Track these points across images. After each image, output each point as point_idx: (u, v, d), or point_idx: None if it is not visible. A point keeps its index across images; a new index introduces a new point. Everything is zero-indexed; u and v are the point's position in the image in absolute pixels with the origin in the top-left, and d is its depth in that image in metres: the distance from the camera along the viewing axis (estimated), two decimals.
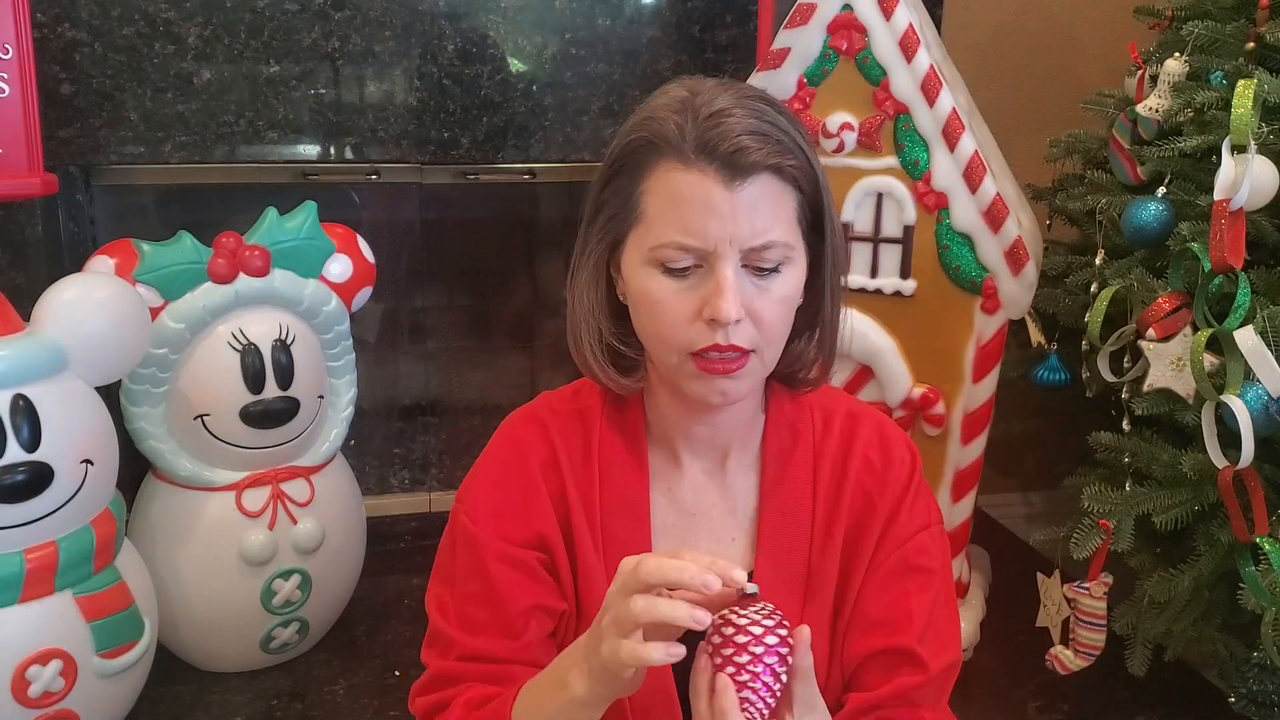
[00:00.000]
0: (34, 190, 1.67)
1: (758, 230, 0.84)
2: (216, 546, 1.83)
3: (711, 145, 0.83)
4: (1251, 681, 1.65)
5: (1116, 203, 1.79)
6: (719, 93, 0.86)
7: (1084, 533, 1.67)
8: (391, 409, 2.53)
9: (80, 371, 1.55)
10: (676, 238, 0.84)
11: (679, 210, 0.84)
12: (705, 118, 0.84)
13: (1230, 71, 1.64)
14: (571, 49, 2.24)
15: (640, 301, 0.88)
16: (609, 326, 0.93)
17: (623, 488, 0.97)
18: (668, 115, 0.85)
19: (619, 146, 0.89)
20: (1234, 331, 1.49)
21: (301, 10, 2.09)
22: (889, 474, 0.99)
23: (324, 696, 1.90)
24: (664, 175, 0.85)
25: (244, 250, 1.79)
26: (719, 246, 0.83)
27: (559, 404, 1.01)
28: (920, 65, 1.69)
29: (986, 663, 2.00)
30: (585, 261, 0.93)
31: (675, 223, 0.84)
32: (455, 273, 2.51)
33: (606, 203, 0.90)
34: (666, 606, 0.74)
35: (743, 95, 0.86)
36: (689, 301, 0.85)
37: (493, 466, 0.99)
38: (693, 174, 0.83)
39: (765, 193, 0.84)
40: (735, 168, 0.83)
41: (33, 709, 1.50)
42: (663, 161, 0.85)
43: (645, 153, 0.86)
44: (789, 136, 0.86)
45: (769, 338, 0.88)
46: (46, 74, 1.96)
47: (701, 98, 0.86)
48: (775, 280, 0.86)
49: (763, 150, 0.83)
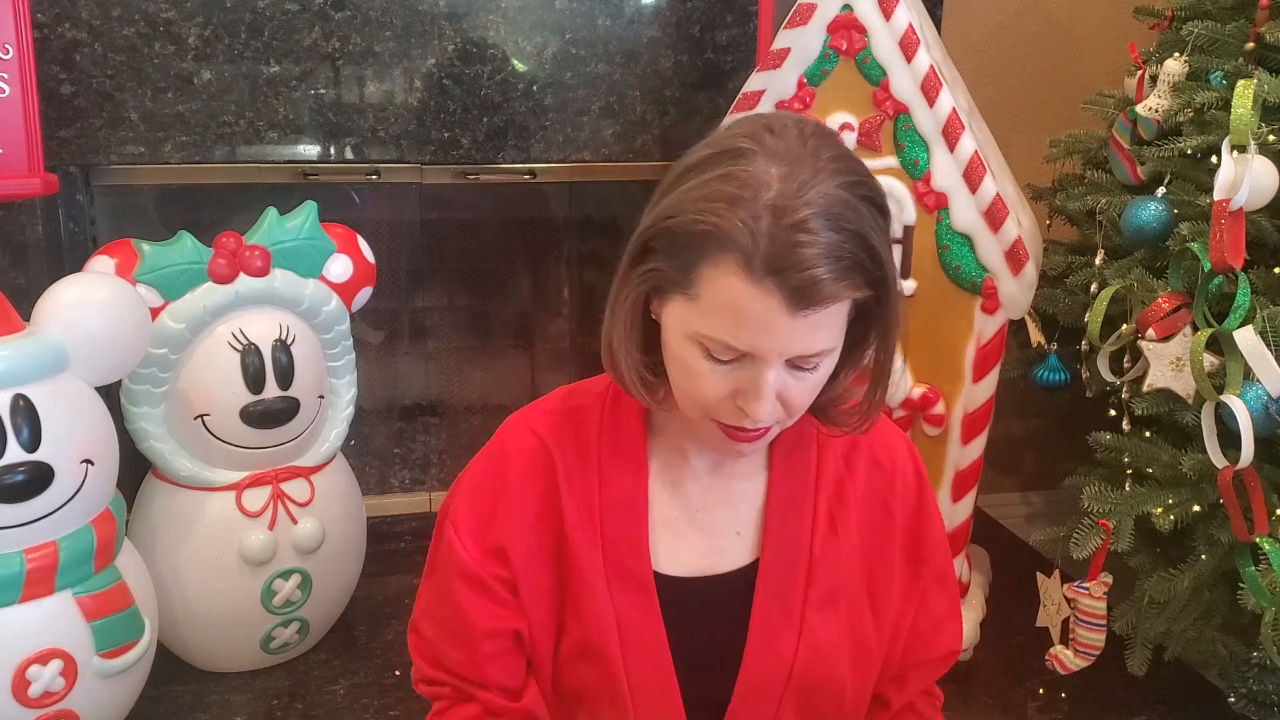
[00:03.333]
0: (34, 190, 1.67)
1: (809, 346, 0.81)
2: (217, 546, 1.83)
3: (783, 269, 0.76)
4: (1251, 681, 1.65)
5: (1116, 203, 1.79)
6: (802, 192, 0.77)
7: (1084, 532, 1.67)
8: (392, 409, 2.54)
9: (80, 371, 1.55)
10: (727, 339, 0.80)
11: (735, 318, 0.79)
12: (784, 230, 0.76)
13: (1230, 72, 1.64)
14: (572, 49, 2.24)
15: (676, 363, 0.87)
16: (640, 359, 0.91)
17: (620, 485, 0.97)
18: (743, 218, 0.77)
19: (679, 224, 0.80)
20: (1234, 331, 1.49)
21: (302, 10, 2.09)
22: (896, 472, 1.01)
23: (324, 696, 1.90)
24: (728, 274, 0.78)
25: (244, 250, 1.79)
26: (768, 356, 0.81)
27: (554, 405, 1.01)
28: (920, 65, 1.69)
29: (986, 662, 2.00)
30: (624, 299, 0.89)
31: (729, 327, 0.80)
32: (455, 273, 2.51)
33: (657, 251, 0.84)
34: None
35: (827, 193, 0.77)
36: (725, 383, 0.83)
37: (476, 472, 1.00)
38: (758, 291, 0.77)
39: (830, 316, 0.80)
40: (805, 299, 0.77)
41: (33, 709, 1.50)
42: (729, 257, 0.78)
43: (710, 244, 0.79)
44: (869, 251, 0.79)
45: (794, 414, 0.88)
46: (47, 74, 1.96)
47: (780, 197, 0.77)
48: (814, 373, 0.85)
49: (838, 283, 0.78)
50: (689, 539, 0.97)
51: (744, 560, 0.98)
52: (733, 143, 0.81)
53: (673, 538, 0.97)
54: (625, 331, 0.90)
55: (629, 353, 0.90)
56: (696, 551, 0.97)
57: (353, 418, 2.01)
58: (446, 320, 2.54)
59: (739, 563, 0.97)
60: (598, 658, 0.94)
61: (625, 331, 0.90)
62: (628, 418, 0.98)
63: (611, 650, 0.93)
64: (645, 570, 0.95)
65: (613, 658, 0.93)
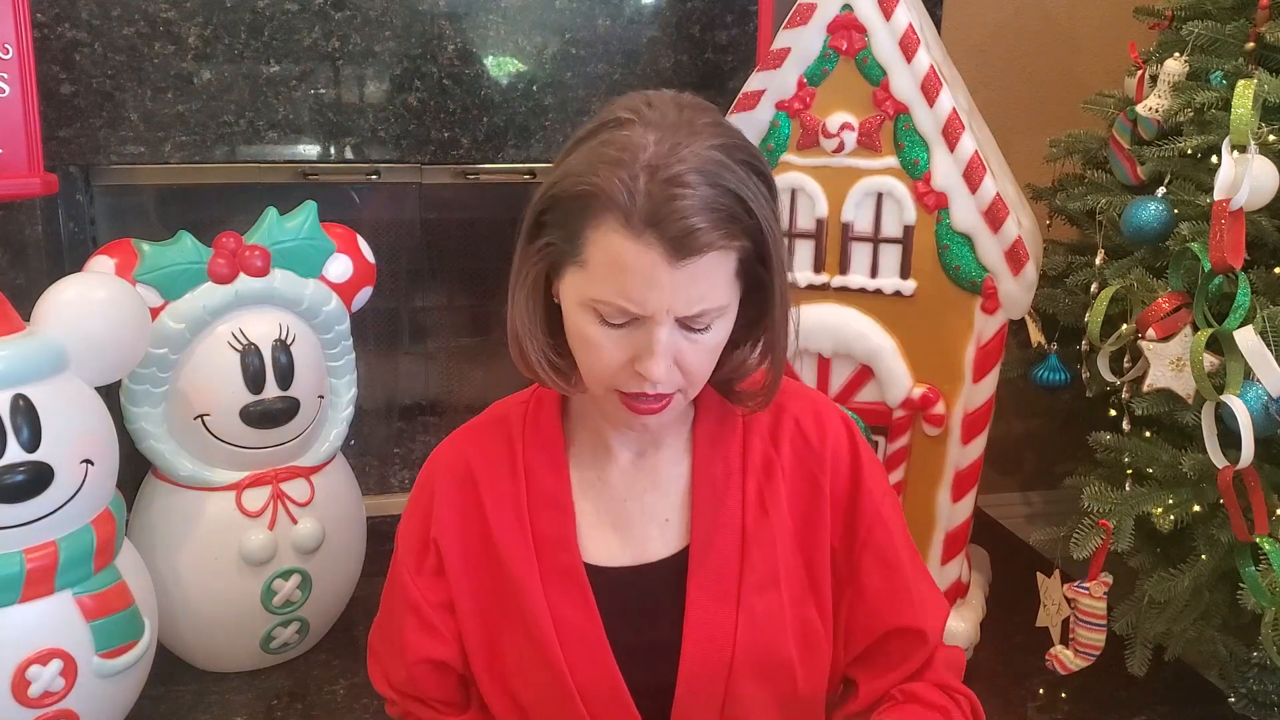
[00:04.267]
0: (34, 190, 1.67)
1: (694, 300, 0.84)
2: (217, 546, 1.83)
3: (661, 221, 0.80)
4: (1251, 681, 1.65)
5: (1116, 203, 1.79)
6: (675, 150, 0.81)
7: (1084, 532, 1.67)
8: (392, 409, 2.53)
9: (80, 371, 1.55)
10: (616, 300, 0.83)
11: (621, 276, 0.82)
12: (659, 185, 0.80)
13: (1230, 71, 1.64)
14: (571, 49, 2.24)
15: (575, 337, 0.90)
16: (546, 342, 0.94)
17: (544, 482, 0.99)
18: (620, 178, 0.81)
19: (564, 188, 0.85)
20: (1234, 331, 1.49)
21: (301, 10, 2.09)
22: (825, 447, 1.00)
23: (324, 696, 1.90)
24: (609, 234, 0.82)
25: (244, 250, 1.79)
26: (657, 314, 0.83)
27: (480, 419, 1.06)
28: (920, 65, 1.69)
29: (986, 662, 2.00)
30: (522, 280, 0.93)
31: (616, 287, 0.83)
32: (455, 273, 2.51)
33: (547, 227, 0.89)
34: None
35: (701, 152, 0.81)
36: (621, 349, 0.86)
37: (410, 501, 1.08)
38: (639, 245, 0.81)
39: (710, 266, 0.83)
40: (683, 249, 0.80)
41: (33, 709, 1.50)
42: (609, 219, 0.82)
43: (595, 205, 0.83)
44: (744, 205, 0.83)
45: (694, 380, 0.89)
46: (46, 74, 1.96)
47: (655, 157, 0.81)
48: (706, 334, 0.87)
49: (715, 232, 0.81)
50: (619, 529, 0.99)
51: (676, 547, 0.98)
52: (613, 114, 0.86)
53: (602, 530, 0.98)
54: (528, 314, 0.93)
55: (534, 336, 0.93)
56: (627, 541, 0.98)
57: (353, 418, 2.01)
58: (446, 320, 2.54)
59: (671, 549, 0.98)
60: (541, 660, 0.95)
61: (528, 314, 0.93)
62: (547, 415, 1.01)
63: (552, 649, 0.94)
64: (576, 564, 0.96)
65: (554, 657, 0.94)
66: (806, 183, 1.78)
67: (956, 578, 1.95)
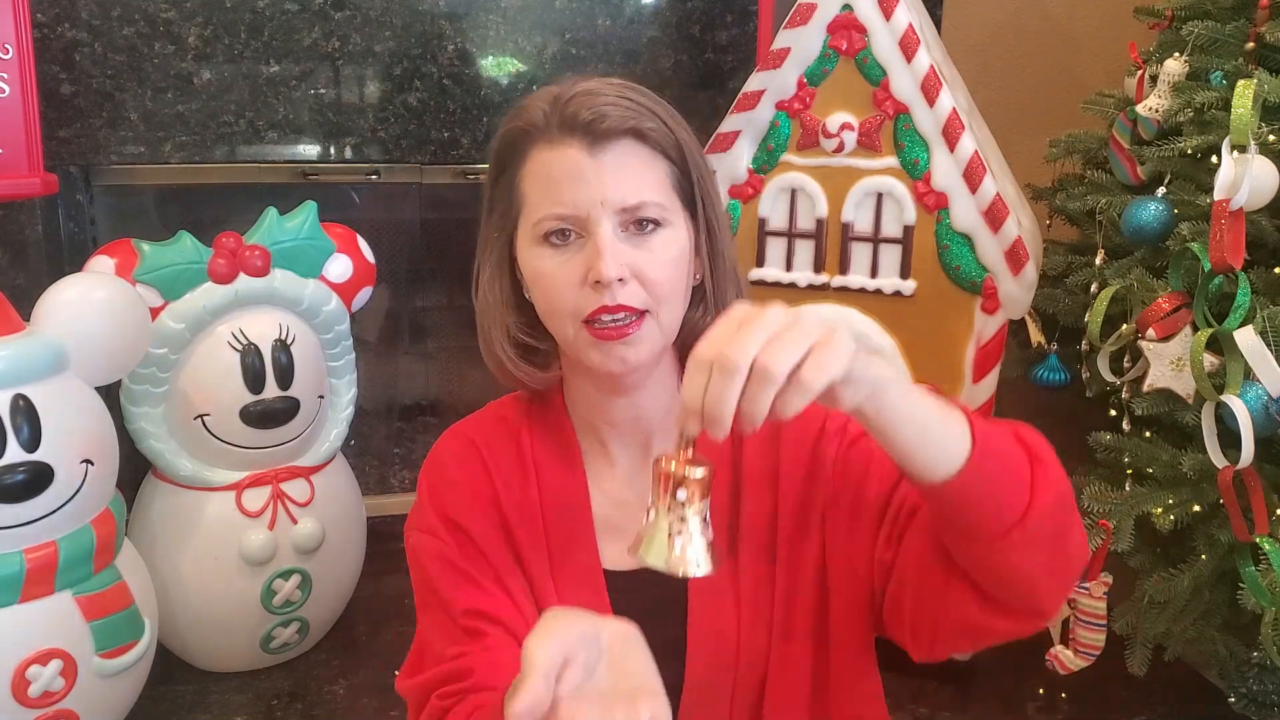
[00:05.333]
0: (34, 190, 1.67)
1: (627, 191, 0.85)
2: (217, 546, 1.83)
3: (572, 118, 0.86)
4: (1251, 681, 1.65)
5: (1116, 203, 1.79)
6: (587, 81, 0.89)
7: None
8: (391, 409, 2.53)
9: (80, 371, 1.55)
10: (553, 209, 0.86)
11: (550, 185, 0.86)
12: (567, 100, 0.87)
13: (1230, 71, 1.64)
14: (571, 49, 2.24)
15: (534, 282, 0.90)
16: (515, 320, 0.94)
17: (561, 489, 0.97)
18: (536, 105, 0.88)
19: (497, 141, 0.92)
20: (1234, 331, 1.49)
21: (301, 10, 2.09)
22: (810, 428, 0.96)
23: (324, 696, 1.90)
24: (536, 158, 0.88)
25: (244, 250, 1.79)
26: (591, 211, 0.85)
27: (481, 418, 1.03)
28: (920, 65, 1.69)
29: (987, 663, 2.00)
30: (486, 260, 0.94)
31: (549, 197, 0.86)
32: (455, 273, 2.51)
33: (496, 201, 0.93)
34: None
35: (611, 81, 0.89)
36: (574, 269, 0.86)
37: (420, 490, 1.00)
38: (558, 149, 0.86)
39: (629, 156, 0.86)
40: (595, 134, 0.85)
41: (33, 709, 1.50)
42: (534, 147, 0.88)
43: (520, 141, 0.89)
44: (649, 109, 0.88)
45: (659, 296, 0.87)
46: (47, 74, 1.96)
47: (567, 87, 0.89)
48: (655, 239, 0.87)
49: (620, 115, 0.86)
50: (625, 533, 0.97)
51: None
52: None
53: (610, 532, 0.97)
54: (495, 292, 0.93)
55: (501, 315, 0.93)
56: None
57: (352, 418, 2.01)
58: (446, 320, 2.54)
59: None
60: None
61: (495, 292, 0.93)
62: (556, 415, 0.99)
63: None
64: (595, 567, 0.95)
65: None
66: (806, 183, 1.79)
67: None
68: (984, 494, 0.76)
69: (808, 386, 0.65)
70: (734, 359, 0.65)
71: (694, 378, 0.67)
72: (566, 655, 0.68)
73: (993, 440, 0.78)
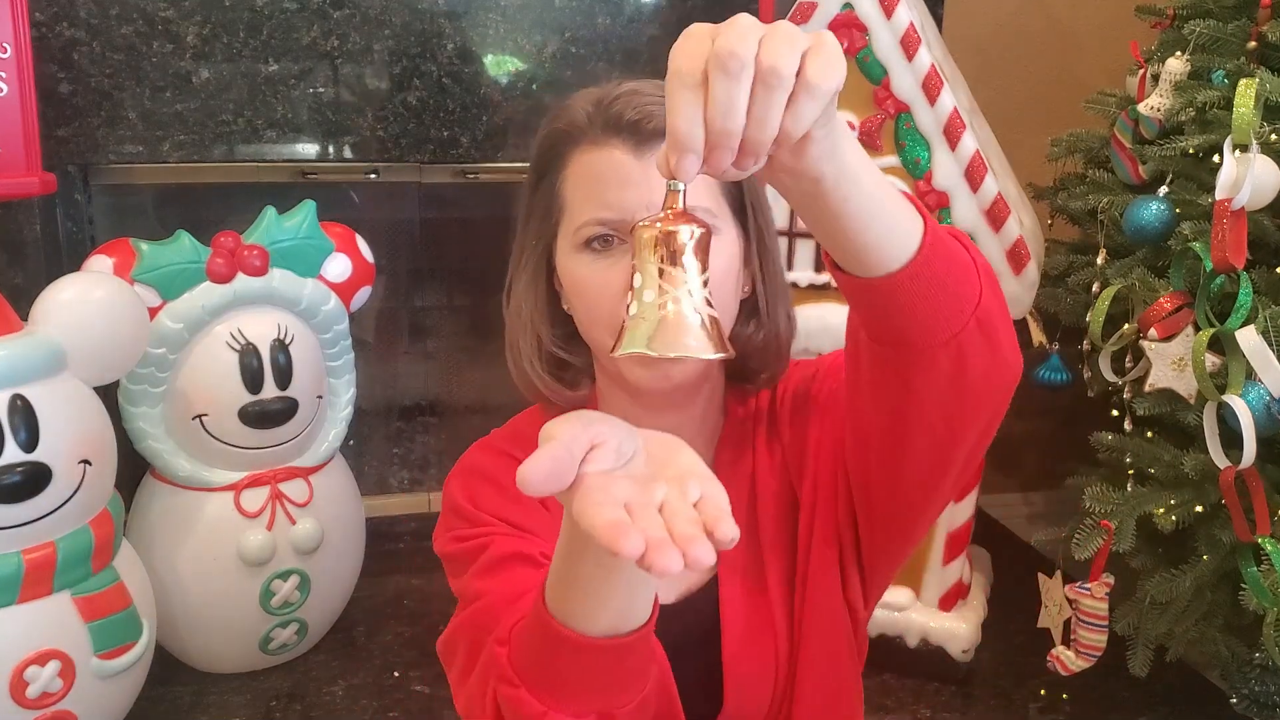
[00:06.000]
0: (32, 190, 1.67)
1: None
2: (215, 547, 1.82)
3: (617, 118, 0.82)
4: (1253, 682, 1.65)
5: (1118, 202, 1.78)
6: (631, 81, 0.86)
7: (1085, 533, 1.66)
8: (391, 409, 2.53)
9: (78, 371, 1.55)
10: (597, 213, 0.83)
11: (595, 187, 0.83)
12: (611, 99, 0.84)
13: (1232, 70, 1.64)
14: (571, 47, 2.23)
15: (574, 291, 0.86)
16: (549, 333, 0.90)
17: None
18: (579, 105, 0.86)
19: (537, 145, 0.89)
20: (1236, 331, 1.48)
21: (300, 9, 2.08)
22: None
23: (323, 697, 1.90)
24: (579, 160, 0.85)
25: (242, 250, 1.79)
26: (637, 215, 0.79)
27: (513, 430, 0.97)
28: (921, 64, 1.69)
29: (988, 663, 1.99)
30: (522, 270, 0.91)
31: (592, 200, 0.83)
32: (455, 272, 2.50)
33: (535, 207, 0.90)
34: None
35: (656, 81, 0.81)
36: (617, 276, 0.81)
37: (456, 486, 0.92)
38: (604, 151, 0.83)
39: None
40: (641, 134, 0.82)
41: (31, 710, 1.50)
42: (577, 148, 0.85)
43: (561, 144, 0.86)
44: None
45: None
46: (45, 73, 1.95)
47: (611, 87, 0.86)
48: None
49: None
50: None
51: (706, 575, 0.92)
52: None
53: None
54: (530, 307, 0.90)
55: (534, 325, 0.90)
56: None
57: (351, 418, 2.00)
58: (446, 320, 2.53)
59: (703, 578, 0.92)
60: None
61: (530, 307, 0.90)
62: None
63: None
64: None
65: None
66: None
67: (958, 578, 1.94)
68: (922, 297, 0.67)
69: (819, 89, 0.55)
70: (740, 54, 0.52)
71: (681, 95, 0.54)
72: (593, 438, 0.58)
73: (944, 240, 0.68)
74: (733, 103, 0.53)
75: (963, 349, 0.69)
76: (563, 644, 0.66)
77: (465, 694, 0.80)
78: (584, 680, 0.68)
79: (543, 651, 0.68)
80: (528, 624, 0.70)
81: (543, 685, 0.68)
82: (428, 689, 1.92)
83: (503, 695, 0.71)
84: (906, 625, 1.90)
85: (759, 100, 0.53)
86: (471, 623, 0.81)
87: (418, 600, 2.24)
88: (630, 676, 0.70)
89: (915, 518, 0.85)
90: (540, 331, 0.90)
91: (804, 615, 0.90)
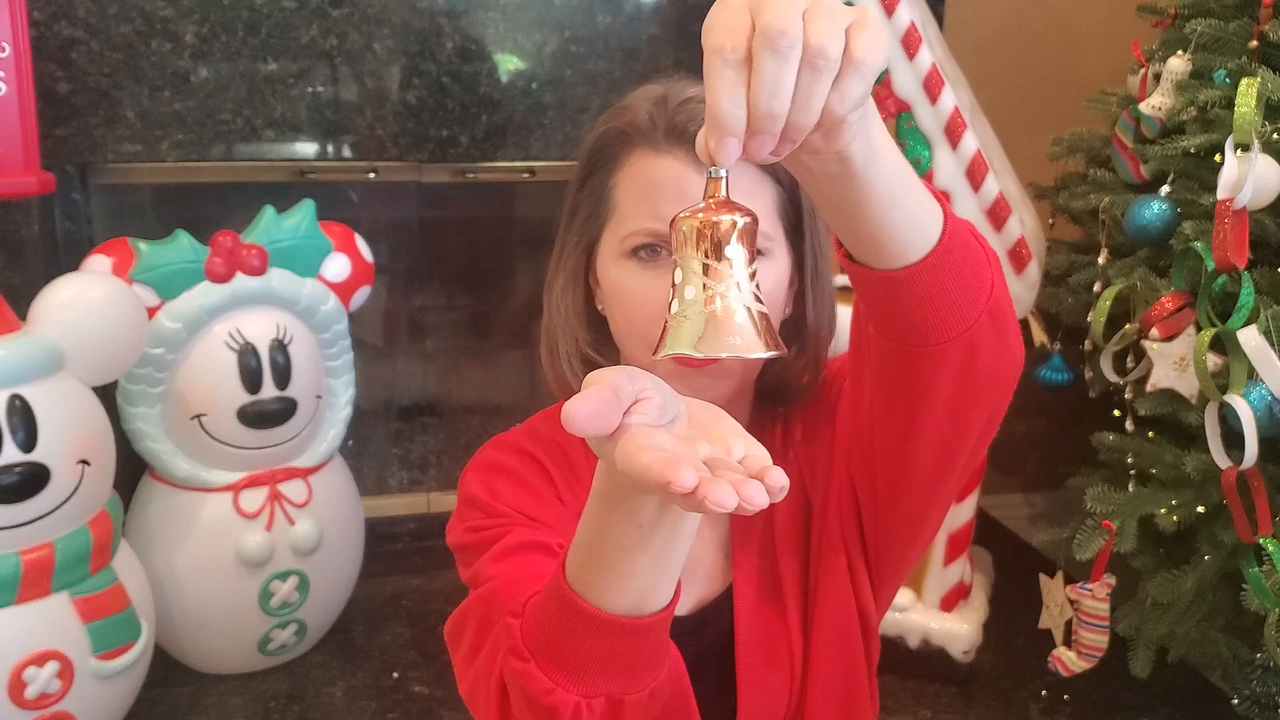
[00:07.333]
0: (30, 189, 1.66)
1: None
2: (214, 547, 1.82)
3: (682, 128, 0.80)
4: (1255, 683, 1.65)
5: (1119, 201, 1.78)
6: (687, 86, 0.83)
7: (1087, 534, 1.66)
8: (390, 409, 2.53)
9: (77, 371, 1.54)
10: (648, 224, 0.80)
11: (650, 196, 0.80)
12: (678, 104, 0.81)
13: (1233, 70, 1.63)
14: (571, 46, 2.23)
15: (614, 298, 0.84)
16: (585, 335, 0.88)
17: None
18: (641, 105, 0.83)
19: (592, 141, 0.87)
20: (1237, 331, 1.48)
21: (299, 8, 2.08)
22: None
23: (322, 698, 1.89)
24: (636, 164, 0.82)
25: (241, 249, 1.78)
26: None
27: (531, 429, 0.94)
28: (922, 63, 1.68)
29: (989, 664, 1.99)
30: (562, 267, 0.89)
31: (646, 208, 0.80)
32: (454, 272, 2.50)
33: (581, 204, 0.87)
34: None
35: None
36: (660, 290, 0.78)
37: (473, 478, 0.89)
38: (664, 159, 0.80)
39: (739, 176, 0.77)
40: None
41: (30, 710, 1.49)
42: (635, 151, 0.83)
43: (618, 144, 0.84)
44: None
45: None
46: (43, 72, 1.95)
47: (676, 89, 0.83)
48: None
49: None
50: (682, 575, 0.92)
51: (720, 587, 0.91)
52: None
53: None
54: (568, 307, 0.88)
55: (570, 326, 0.88)
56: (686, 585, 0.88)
57: (350, 418, 2.00)
58: (445, 320, 2.53)
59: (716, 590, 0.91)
60: None
61: (568, 307, 0.88)
62: None
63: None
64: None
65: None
66: None
67: (959, 579, 1.94)
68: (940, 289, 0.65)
69: (866, 67, 0.51)
70: (789, 32, 0.49)
71: (723, 74, 0.51)
72: (639, 391, 0.55)
73: (961, 228, 0.66)
74: (780, 84, 0.50)
75: (975, 342, 0.68)
76: (579, 618, 0.64)
77: (471, 673, 0.78)
78: (597, 660, 0.66)
79: (558, 625, 0.66)
80: (544, 595, 0.68)
81: (554, 661, 0.66)
82: (427, 690, 1.92)
83: (511, 669, 0.69)
84: (907, 626, 1.90)
85: (805, 81, 0.51)
86: (483, 600, 0.79)
87: (417, 601, 2.23)
88: (644, 662, 0.68)
89: (921, 518, 0.85)
90: (577, 333, 0.88)
91: (817, 622, 0.89)
